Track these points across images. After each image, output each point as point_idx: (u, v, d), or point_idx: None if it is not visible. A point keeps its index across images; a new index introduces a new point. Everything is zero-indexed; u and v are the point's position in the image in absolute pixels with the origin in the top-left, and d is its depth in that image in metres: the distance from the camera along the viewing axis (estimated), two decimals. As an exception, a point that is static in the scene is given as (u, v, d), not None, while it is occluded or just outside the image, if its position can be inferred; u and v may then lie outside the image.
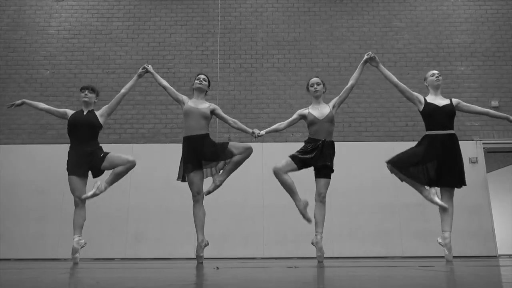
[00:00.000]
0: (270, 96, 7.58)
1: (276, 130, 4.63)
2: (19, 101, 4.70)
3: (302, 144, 4.42)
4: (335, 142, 4.40)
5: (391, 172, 4.30)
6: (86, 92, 4.54)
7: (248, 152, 4.28)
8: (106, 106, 4.60)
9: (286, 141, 7.26)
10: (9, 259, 6.50)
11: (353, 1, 8.05)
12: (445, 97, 4.46)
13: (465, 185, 4.23)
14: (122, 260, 6.22)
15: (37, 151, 7.16)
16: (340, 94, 4.50)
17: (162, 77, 8.03)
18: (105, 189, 4.28)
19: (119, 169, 4.31)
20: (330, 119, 4.36)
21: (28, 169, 7.00)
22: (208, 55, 7.79)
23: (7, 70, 7.69)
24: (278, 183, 5.34)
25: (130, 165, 4.37)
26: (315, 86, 4.47)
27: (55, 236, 6.70)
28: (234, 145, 4.28)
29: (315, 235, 4.19)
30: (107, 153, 4.36)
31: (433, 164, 4.17)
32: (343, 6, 8.04)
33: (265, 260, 5.80)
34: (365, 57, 4.48)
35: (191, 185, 4.17)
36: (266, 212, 6.87)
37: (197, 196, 4.18)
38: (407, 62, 7.71)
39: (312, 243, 4.21)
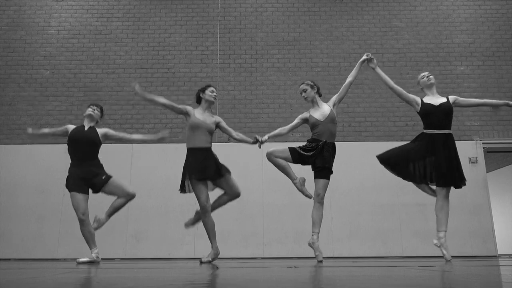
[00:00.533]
0: (270, 96, 7.59)
1: (279, 135, 4.60)
2: (30, 131, 4.67)
3: (302, 144, 4.44)
4: (335, 142, 4.41)
5: (381, 163, 4.39)
6: (94, 108, 4.61)
7: (235, 197, 4.41)
8: (112, 131, 4.63)
9: (286, 141, 7.25)
10: (8, 259, 6.50)
11: (353, 1, 8.06)
12: (442, 95, 4.47)
13: (464, 185, 4.23)
14: (122, 260, 6.22)
15: (37, 151, 7.15)
16: (339, 92, 4.53)
17: (161, 77, 8.09)
18: (106, 221, 4.53)
19: (118, 202, 4.47)
20: (332, 119, 4.35)
21: (28, 169, 7.01)
22: (208, 55, 7.79)
23: (7, 70, 7.69)
24: (278, 183, 5.38)
25: (130, 198, 4.50)
26: (302, 94, 4.50)
27: (54, 236, 6.70)
28: (232, 180, 4.33)
29: (312, 235, 4.20)
30: (110, 176, 4.44)
31: (425, 163, 4.18)
32: (343, 6, 8.04)
33: (265, 260, 5.80)
34: (364, 57, 4.50)
35: (201, 194, 4.11)
36: (266, 212, 6.87)
37: (207, 206, 4.14)
38: (407, 62, 7.71)
39: (309, 244, 4.21)
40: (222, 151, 7.10)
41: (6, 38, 7.87)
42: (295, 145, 4.43)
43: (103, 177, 4.40)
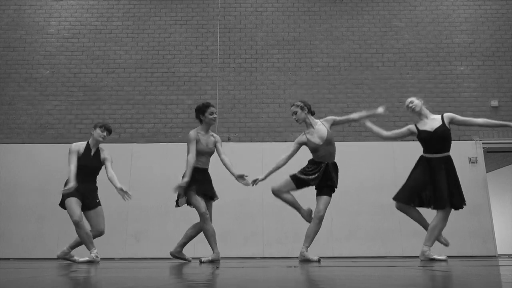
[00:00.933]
0: (270, 96, 7.59)
1: (277, 168, 4.48)
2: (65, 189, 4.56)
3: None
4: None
5: (399, 210, 4.35)
6: (105, 134, 4.67)
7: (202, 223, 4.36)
8: (109, 164, 4.69)
9: (285, 141, 7.26)
10: (8, 259, 6.50)
11: (353, 0, 8.05)
12: (437, 112, 4.49)
13: (463, 205, 4.22)
14: (122, 260, 6.22)
15: (36, 151, 7.15)
16: (341, 119, 4.52)
17: (161, 77, 8.09)
18: (69, 251, 4.70)
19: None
20: (329, 141, 4.36)
21: (28, 169, 7.00)
22: (208, 54, 7.79)
23: (7, 70, 7.68)
24: (277, 183, 5.34)
25: (97, 235, 4.65)
26: (293, 116, 4.48)
27: (54, 235, 6.69)
28: (211, 208, 4.46)
29: (301, 248, 4.23)
30: (100, 205, 4.69)
31: (427, 190, 4.22)
32: (343, 5, 8.04)
33: (265, 260, 5.80)
34: (380, 110, 4.46)
35: (199, 204, 4.20)
36: (266, 212, 6.86)
37: (206, 214, 4.21)
38: (407, 62, 7.71)
39: (300, 260, 4.21)
40: (222, 151, 7.10)
41: (6, 38, 7.86)
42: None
43: (97, 201, 4.67)
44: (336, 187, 4.35)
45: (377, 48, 7.78)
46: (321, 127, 4.40)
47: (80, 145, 4.64)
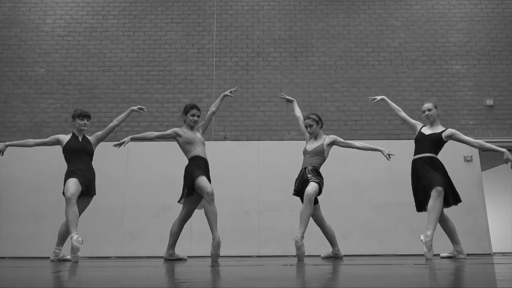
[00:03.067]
0: (266, 94, 7.59)
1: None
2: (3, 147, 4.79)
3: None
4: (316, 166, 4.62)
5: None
6: (85, 121, 4.71)
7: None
8: (97, 136, 4.81)
9: (282, 139, 7.26)
10: (4, 258, 6.48)
11: (349, -1, 8.07)
12: (443, 124, 4.73)
13: (458, 201, 4.46)
14: (118, 259, 6.21)
15: (32, 149, 7.09)
16: (342, 141, 4.65)
17: (157, 75, 8.07)
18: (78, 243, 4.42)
19: (64, 229, 4.76)
20: (316, 152, 4.53)
21: (24, 167, 6.97)
22: (204, 53, 7.78)
23: (1, 68, 7.64)
24: (274, 181, 5.34)
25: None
26: (308, 129, 4.65)
27: (51, 234, 6.66)
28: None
29: (297, 233, 4.25)
30: (94, 194, 4.71)
31: (416, 189, 4.53)
32: (339, 4, 8.04)
33: (261, 258, 5.81)
34: (385, 152, 4.63)
35: (206, 185, 4.23)
36: (262, 210, 6.87)
37: (213, 195, 4.23)
38: (403, 60, 7.73)
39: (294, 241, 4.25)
40: (219, 149, 7.10)
41: (1, 36, 7.82)
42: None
43: (94, 189, 4.68)
44: (317, 182, 4.37)
45: (373, 47, 7.80)
46: (320, 140, 4.62)
47: (62, 136, 4.72)
